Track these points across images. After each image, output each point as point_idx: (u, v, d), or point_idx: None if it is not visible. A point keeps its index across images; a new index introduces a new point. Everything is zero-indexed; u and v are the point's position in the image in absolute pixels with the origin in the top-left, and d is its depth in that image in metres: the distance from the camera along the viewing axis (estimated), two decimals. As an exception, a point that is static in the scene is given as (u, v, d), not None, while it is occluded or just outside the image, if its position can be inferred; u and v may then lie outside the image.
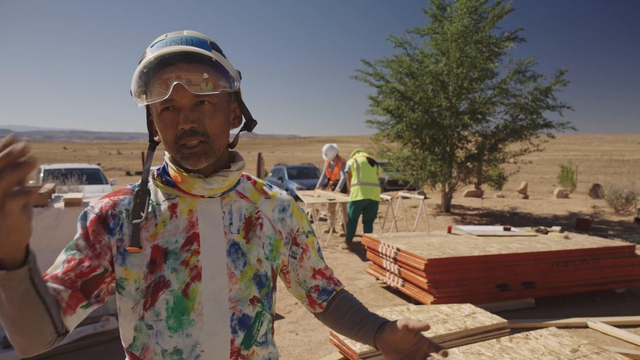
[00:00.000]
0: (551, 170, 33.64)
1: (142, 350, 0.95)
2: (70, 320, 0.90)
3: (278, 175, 15.98)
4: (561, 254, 4.89)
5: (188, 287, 0.95)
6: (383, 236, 5.59)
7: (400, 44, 11.02)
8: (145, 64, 0.92)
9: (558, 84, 10.30)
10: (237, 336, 0.99)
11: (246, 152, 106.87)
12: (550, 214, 11.60)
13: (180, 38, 0.95)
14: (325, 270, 1.20)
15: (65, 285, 0.91)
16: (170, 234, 0.97)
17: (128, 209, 0.99)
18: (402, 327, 0.98)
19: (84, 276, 0.92)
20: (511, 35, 10.70)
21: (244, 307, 1.00)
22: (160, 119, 0.95)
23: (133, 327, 0.96)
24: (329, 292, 1.19)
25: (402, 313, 3.66)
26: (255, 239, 1.04)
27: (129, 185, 1.04)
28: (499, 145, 10.77)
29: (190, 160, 0.95)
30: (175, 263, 0.95)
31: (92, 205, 1.00)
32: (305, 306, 1.22)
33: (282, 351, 3.67)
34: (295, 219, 1.15)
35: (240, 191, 1.08)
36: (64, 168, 11.30)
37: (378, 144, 11.52)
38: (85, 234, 0.96)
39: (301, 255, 1.16)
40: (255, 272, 1.03)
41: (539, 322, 4.18)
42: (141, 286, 0.95)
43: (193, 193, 0.99)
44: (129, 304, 0.96)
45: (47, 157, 57.86)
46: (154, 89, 0.93)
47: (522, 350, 2.83)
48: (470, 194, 15.89)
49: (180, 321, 0.94)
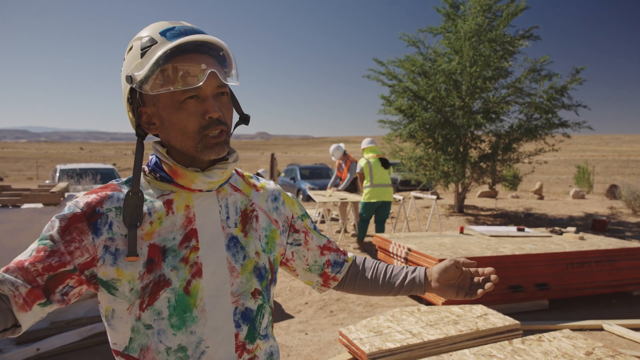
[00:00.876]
0: (567, 171, 33.18)
1: (141, 351, 0.93)
2: (24, 317, 0.84)
3: (291, 176, 16.00)
4: (576, 255, 4.80)
5: (189, 284, 0.94)
6: (394, 236, 5.55)
7: (413, 43, 10.95)
8: (169, 50, 0.90)
9: (574, 82, 10.14)
10: (240, 330, 0.98)
11: (259, 152, 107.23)
12: (566, 215, 11.43)
13: (192, 28, 0.95)
14: (330, 244, 1.23)
15: (27, 278, 0.85)
16: (167, 231, 0.95)
17: (117, 206, 0.94)
18: (452, 265, 1.13)
19: (51, 270, 0.87)
20: (526, 34, 10.56)
21: (246, 300, 1.00)
22: (181, 108, 0.92)
23: (129, 328, 0.93)
24: (341, 264, 1.22)
25: (413, 314, 3.63)
26: (252, 231, 1.04)
27: (115, 181, 1.00)
28: (513, 145, 10.63)
29: (215, 149, 0.95)
30: (174, 261, 0.93)
31: (76, 200, 0.95)
32: (318, 288, 1.24)
33: (291, 350, 3.66)
34: (287, 207, 1.16)
35: (233, 184, 1.08)
36: (78, 168, 11.46)
37: (390, 144, 11.46)
38: (64, 228, 0.90)
39: (305, 239, 1.17)
40: (255, 265, 1.02)
41: (552, 324, 4.11)
42: (136, 286, 0.91)
43: (192, 187, 0.97)
44: (123, 305, 0.92)
45: (64, 157, 58.76)
46: (177, 76, 0.90)
47: (534, 352, 2.78)
48: (484, 195, 15.73)
49: (184, 319, 0.93)
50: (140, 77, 0.91)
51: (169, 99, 0.93)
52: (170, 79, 0.91)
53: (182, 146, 0.95)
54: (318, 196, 7.92)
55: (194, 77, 0.91)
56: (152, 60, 0.90)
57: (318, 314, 4.53)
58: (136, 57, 0.93)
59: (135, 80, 0.92)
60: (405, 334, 3.23)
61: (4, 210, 3.61)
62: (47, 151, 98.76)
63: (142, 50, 0.93)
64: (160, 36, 0.93)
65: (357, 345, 3.10)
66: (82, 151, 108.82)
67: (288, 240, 1.15)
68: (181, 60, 0.91)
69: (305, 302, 4.87)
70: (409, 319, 3.53)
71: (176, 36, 0.93)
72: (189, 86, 0.91)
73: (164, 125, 0.96)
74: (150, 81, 0.91)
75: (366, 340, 3.14)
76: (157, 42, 0.92)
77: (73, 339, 3.59)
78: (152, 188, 0.99)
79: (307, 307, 4.73)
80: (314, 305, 4.76)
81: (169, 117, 0.94)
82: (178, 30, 0.94)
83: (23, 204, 3.78)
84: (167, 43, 0.91)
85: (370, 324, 3.44)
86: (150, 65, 0.90)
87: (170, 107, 0.93)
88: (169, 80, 0.91)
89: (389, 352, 3.01)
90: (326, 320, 4.36)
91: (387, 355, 2.99)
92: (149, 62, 0.91)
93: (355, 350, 3.15)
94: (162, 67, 0.90)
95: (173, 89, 0.91)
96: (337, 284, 1.24)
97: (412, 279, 1.19)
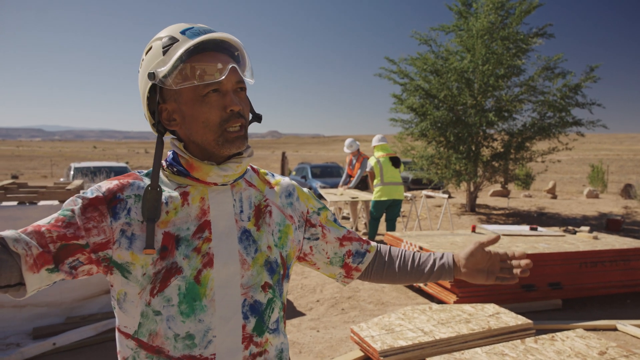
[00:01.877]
0: (581, 170, 32.79)
1: (150, 336, 0.95)
2: (31, 277, 0.87)
3: (302, 174, 16.03)
4: (590, 254, 4.76)
5: (200, 274, 0.96)
6: (406, 234, 5.54)
7: (425, 42, 10.90)
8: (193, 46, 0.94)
9: (588, 80, 10.02)
10: (248, 322, 1.00)
11: (270, 151, 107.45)
12: (580, 214, 11.31)
13: (209, 29, 1.00)
14: (350, 234, 1.23)
15: (41, 242, 0.88)
16: (182, 221, 0.98)
17: (137, 194, 0.98)
18: (477, 248, 1.15)
19: (65, 240, 0.90)
20: (539, 31, 10.46)
21: (256, 293, 1.02)
22: (203, 101, 0.96)
23: (139, 312, 0.96)
24: (362, 254, 1.22)
25: (425, 312, 3.63)
26: (265, 226, 1.06)
27: (137, 172, 1.04)
28: (526, 144, 10.55)
29: (236, 142, 0.98)
30: (187, 250, 0.96)
31: (99, 184, 0.99)
32: (341, 281, 1.25)
33: (303, 348, 3.68)
34: (302, 202, 1.17)
35: (248, 179, 1.10)
36: (92, 166, 11.61)
37: (402, 143, 11.43)
38: (85, 205, 0.93)
39: (322, 233, 1.18)
40: (266, 259, 1.04)
41: (565, 323, 4.08)
42: (149, 272, 0.94)
43: (208, 181, 1.00)
44: (135, 289, 0.95)
45: (78, 155, 59.47)
46: (199, 71, 0.94)
47: (547, 351, 2.77)
48: (496, 194, 15.62)
49: (193, 307, 0.95)
50: (164, 73, 0.95)
51: (191, 93, 0.97)
52: (193, 74, 0.94)
53: (203, 140, 0.98)
54: (329, 195, 7.93)
55: (216, 72, 0.95)
56: (175, 56, 0.94)
57: (329, 312, 4.55)
58: (157, 55, 0.97)
59: (157, 76, 0.95)
60: (417, 332, 3.23)
61: (21, 207, 3.68)
62: (61, 149, 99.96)
63: (164, 48, 0.96)
64: (181, 35, 0.97)
65: (368, 343, 3.11)
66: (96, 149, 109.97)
67: (305, 235, 1.16)
68: (202, 56, 0.96)
69: (316, 299, 4.89)
70: (420, 317, 3.53)
71: (196, 35, 0.97)
72: (212, 80, 0.95)
73: (186, 120, 0.99)
74: (174, 76, 0.94)
75: (378, 338, 3.15)
76: (178, 40, 0.96)
77: (89, 334, 3.65)
78: (170, 182, 1.02)
79: (318, 305, 4.74)
80: (325, 303, 4.78)
81: (191, 111, 0.98)
82: (197, 29, 0.98)
83: (40, 201, 3.85)
84: (189, 40, 0.95)
85: (382, 321, 3.45)
86: (173, 60, 0.94)
87: (193, 101, 0.97)
88: (192, 75, 0.95)
89: (400, 349, 3.01)
90: (337, 318, 4.37)
91: (398, 353, 3.00)
92: (172, 58, 0.94)
93: (367, 347, 3.16)
94: (185, 62, 0.94)
95: (197, 82, 0.94)
96: (360, 274, 1.24)
97: (442, 264, 1.19)
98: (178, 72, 0.94)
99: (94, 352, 3.52)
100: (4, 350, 3.35)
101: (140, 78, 1.01)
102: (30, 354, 3.37)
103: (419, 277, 1.22)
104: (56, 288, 3.75)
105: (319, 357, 3.51)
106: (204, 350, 0.96)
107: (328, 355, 3.53)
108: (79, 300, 3.89)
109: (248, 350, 1.00)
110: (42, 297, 3.70)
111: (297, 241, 1.14)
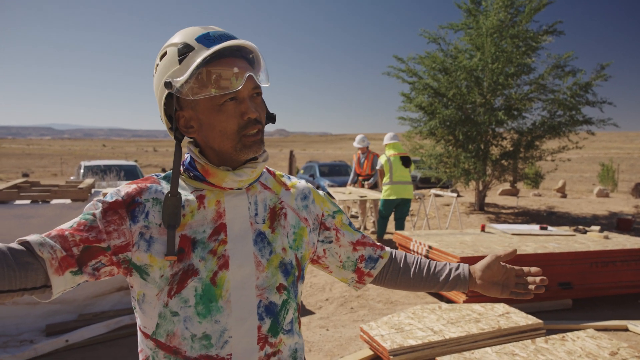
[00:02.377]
0: (591, 169, 32.51)
1: (168, 337, 0.97)
2: (57, 280, 0.90)
3: (310, 173, 16.04)
4: (600, 254, 4.73)
5: (216, 275, 0.98)
6: (415, 234, 5.54)
7: (433, 40, 10.85)
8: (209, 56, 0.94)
9: (599, 79, 9.93)
10: (263, 323, 1.01)
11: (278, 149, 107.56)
12: (590, 213, 11.22)
13: (224, 33, 1.00)
14: (364, 239, 1.23)
15: (64, 245, 0.91)
16: (198, 224, 0.99)
17: (155, 197, 1.00)
18: (494, 261, 1.16)
19: (87, 242, 0.93)
20: (549, 29, 10.37)
21: (271, 294, 1.03)
22: (220, 110, 0.97)
23: (157, 313, 0.97)
24: (375, 260, 1.23)
25: (434, 311, 3.63)
26: (280, 228, 1.07)
27: (155, 175, 1.06)
28: (535, 143, 10.47)
29: (253, 148, 0.99)
30: (203, 252, 0.98)
31: (118, 189, 1.01)
32: (353, 286, 1.25)
33: (312, 346, 3.69)
34: (317, 205, 1.18)
35: (264, 182, 1.11)
36: (102, 164, 11.68)
37: (410, 141, 11.40)
38: (105, 209, 0.96)
39: (336, 236, 1.19)
40: (281, 261, 1.05)
41: (576, 323, 4.06)
42: (166, 274, 0.96)
43: (223, 186, 1.01)
44: (153, 291, 0.97)
45: (87, 154, 59.89)
46: (216, 80, 0.94)
47: (557, 351, 2.76)
48: (505, 193, 15.54)
49: (209, 308, 0.97)
50: (181, 83, 0.95)
51: (208, 102, 0.97)
52: (210, 83, 0.95)
53: (220, 147, 1.00)
54: (337, 193, 7.94)
55: (233, 81, 0.95)
56: (192, 66, 0.94)
57: (339, 310, 4.56)
58: (173, 63, 0.97)
59: (174, 86, 0.96)
60: (427, 331, 3.23)
61: (34, 206, 3.72)
62: (71, 148, 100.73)
63: (180, 56, 0.96)
64: (196, 42, 0.96)
65: (378, 342, 3.12)
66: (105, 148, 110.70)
67: (319, 237, 1.17)
68: (218, 64, 0.95)
69: (325, 298, 4.91)
70: (430, 316, 3.53)
71: (212, 42, 0.96)
72: (228, 90, 0.95)
73: (203, 127, 1.00)
74: (191, 86, 0.95)
75: (387, 336, 3.16)
76: (194, 48, 0.96)
77: (101, 331, 3.69)
78: (187, 185, 1.03)
79: (327, 304, 4.76)
80: (334, 302, 4.79)
81: (208, 120, 0.98)
82: (213, 36, 0.98)
83: (52, 200, 3.89)
84: (205, 49, 0.95)
85: (392, 320, 3.46)
86: (190, 71, 0.94)
87: (210, 110, 0.98)
88: (210, 85, 0.95)
89: (410, 349, 3.02)
90: (347, 317, 4.38)
91: (408, 352, 3.01)
92: (188, 68, 0.94)
93: (377, 346, 3.17)
94: (201, 72, 0.94)
95: (214, 93, 0.95)
96: (372, 279, 1.25)
97: (457, 275, 1.20)
98: (195, 82, 0.95)
99: (106, 348, 3.56)
100: (18, 347, 3.40)
101: (156, 84, 1.02)
102: (44, 351, 3.42)
103: (433, 286, 1.22)
104: (69, 285, 3.79)
105: (329, 355, 3.53)
106: (220, 350, 0.98)
107: (338, 354, 3.54)
108: (91, 298, 3.93)
109: (263, 351, 1.01)
110: (55, 294, 3.75)
111: (311, 243, 1.15)
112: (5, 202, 3.72)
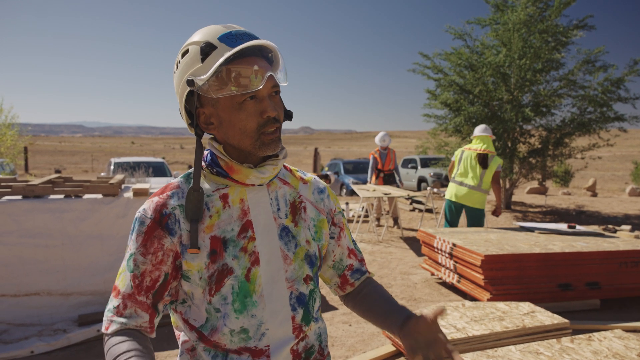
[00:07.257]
0: (623, 167, 31.58)
1: (211, 331, 1.02)
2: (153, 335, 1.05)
3: (334, 170, 16.08)
4: (630, 254, 4.62)
5: (249, 272, 1.02)
6: (439, 231, 5.51)
7: (459, 36, 10.72)
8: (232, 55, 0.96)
9: (632, 74, 9.64)
10: (297, 313, 1.06)
11: (302, 147, 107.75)
12: (621, 212, 10.93)
13: (245, 32, 1.01)
14: (355, 251, 1.26)
15: (142, 308, 1.00)
16: (226, 223, 1.02)
17: (180, 204, 1.02)
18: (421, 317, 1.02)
19: (151, 290, 1.00)
20: (580, 23, 10.12)
21: (300, 285, 1.07)
22: (241, 109, 0.98)
23: (205, 309, 1.02)
24: (362, 273, 1.26)
25: (457, 309, 3.61)
26: (302, 221, 1.11)
27: (175, 181, 1.07)
28: (565, 140, 10.25)
29: (271, 145, 1.02)
30: (235, 250, 1.01)
31: (143, 208, 1.03)
32: (334, 289, 1.28)
33: (335, 341, 3.73)
34: (331, 200, 1.22)
35: (282, 178, 1.14)
36: (132, 161, 11.97)
37: (435, 138, 11.30)
38: (144, 242, 1.00)
39: (339, 234, 1.22)
40: (306, 253, 1.09)
41: (603, 324, 3.98)
42: (204, 276, 1.00)
43: (247, 182, 1.04)
44: (199, 290, 1.01)
45: (117, 151, 61.24)
46: (237, 79, 0.96)
47: (583, 351, 2.72)
48: (533, 191, 15.25)
49: (245, 303, 1.01)
50: (203, 81, 0.97)
51: (228, 100, 0.99)
52: (231, 81, 0.96)
53: (240, 144, 1.02)
54: (362, 191, 7.94)
55: (253, 80, 0.97)
56: (215, 65, 0.95)
57: (361, 307, 4.58)
58: (196, 61, 0.98)
59: (197, 84, 0.98)
60: (450, 328, 3.23)
61: (67, 200, 3.86)
62: (101, 145, 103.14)
63: (203, 55, 0.98)
64: (219, 42, 0.98)
65: (400, 338, 3.13)
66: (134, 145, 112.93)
67: (328, 230, 1.20)
68: (240, 63, 0.96)
69: (348, 294, 4.93)
70: (453, 313, 3.52)
71: (234, 41, 0.98)
72: (249, 89, 0.96)
73: (223, 125, 1.02)
74: (213, 85, 0.96)
75: (410, 333, 3.16)
76: (216, 47, 0.97)
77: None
78: (209, 182, 1.06)
79: (350, 300, 4.79)
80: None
81: (229, 118, 1.00)
82: (235, 35, 0.99)
83: (84, 195, 4.03)
84: (228, 48, 0.97)
85: (414, 317, 3.46)
86: (213, 69, 0.95)
87: (230, 108, 0.99)
88: (230, 83, 0.96)
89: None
90: (369, 313, 4.40)
91: (430, 349, 3.01)
92: (211, 67, 0.96)
93: (399, 342, 3.19)
94: (223, 71, 0.96)
95: (236, 92, 0.96)
96: (352, 289, 1.26)
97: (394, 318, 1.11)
98: (216, 80, 0.96)
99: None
100: (52, 336, 3.55)
101: (177, 81, 1.03)
102: (76, 340, 3.55)
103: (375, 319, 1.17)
104: (100, 277, 3.92)
105: (351, 350, 3.56)
106: (258, 342, 1.02)
107: (360, 349, 3.57)
108: (120, 290, 4.05)
109: (297, 340, 1.07)
110: (87, 286, 3.88)
111: (328, 235, 1.18)
112: (40, 196, 3.87)
